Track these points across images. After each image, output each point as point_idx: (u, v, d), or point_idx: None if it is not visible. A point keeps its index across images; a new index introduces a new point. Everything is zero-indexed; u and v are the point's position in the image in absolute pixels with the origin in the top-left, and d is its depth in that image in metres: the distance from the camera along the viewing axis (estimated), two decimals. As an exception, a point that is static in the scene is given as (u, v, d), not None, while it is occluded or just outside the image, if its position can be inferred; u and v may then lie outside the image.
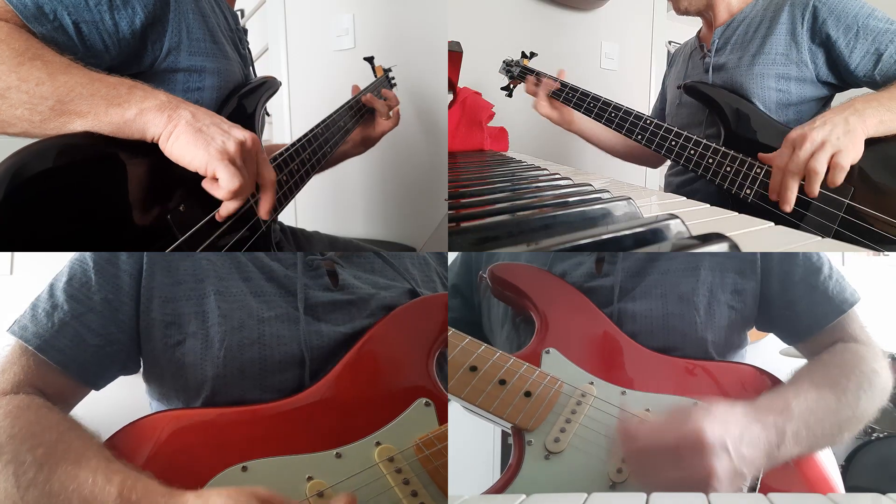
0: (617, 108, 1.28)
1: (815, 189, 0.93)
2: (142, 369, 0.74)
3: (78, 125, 0.61)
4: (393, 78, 1.49)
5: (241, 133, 0.68)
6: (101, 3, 0.68)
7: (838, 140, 0.89)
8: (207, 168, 0.64)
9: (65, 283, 0.70)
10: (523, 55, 1.59)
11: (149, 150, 0.64)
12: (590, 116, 1.35)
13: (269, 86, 0.95)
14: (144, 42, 0.73)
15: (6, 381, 0.66)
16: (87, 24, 0.68)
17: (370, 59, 1.48)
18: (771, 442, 0.62)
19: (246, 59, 0.95)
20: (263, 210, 0.74)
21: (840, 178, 0.90)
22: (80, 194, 0.59)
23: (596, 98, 1.33)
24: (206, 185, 0.66)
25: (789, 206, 0.94)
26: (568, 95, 1.37)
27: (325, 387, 0.69)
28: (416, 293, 0.82)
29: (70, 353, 0.67)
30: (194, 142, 0.64)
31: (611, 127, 1.28)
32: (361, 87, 1.29)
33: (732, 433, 0.59)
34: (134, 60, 0.74)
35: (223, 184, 0.65)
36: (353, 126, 1.19)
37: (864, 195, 0.94)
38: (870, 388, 0.72)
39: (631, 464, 0.62)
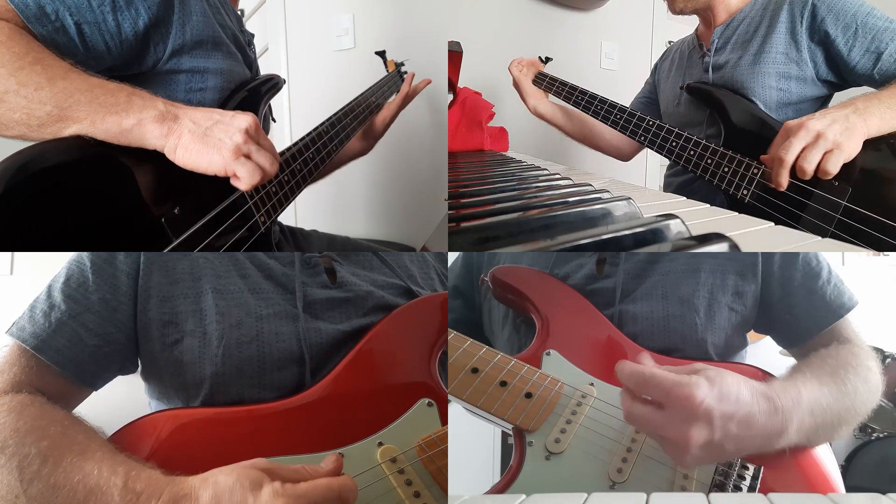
0: (622, 109, 1.28)
1: (785, 181, 0.94)
2: (140, 369, 0.74)
3: (75, 131, 0.61)
4: (405, 72, 1.48)
5: (242, 121, 0.69)
6: (104, 3, 0.68)
7: (834, 136, 0.89)
8: (227, 171, 0.67)
9: (62, 284, 0.70)
10: (539, 59, 1.61)
11: (145, 154, 0.64)
12: (587, 114, 1.36)
13: (272, 84, 0.94)
14: (147, 43, 0.73)
15: (5, 381, 0.66)
16: (89, 24, 0.67)
17: (382, 54, 1.46)
18: (772, 428, 0.61)
19: (251, 62, 0.94)
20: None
21: (826, 176, 0.91)
22: (76, 197, 0.58)
23: (602, 101, 1.33)
24: (234, 181, 0.70)
25: (783, 187, 0.96)
26: (567, 93, 1.39)
27: (327, 386, 0.69)
28: (413, 292, 0.82)
29: (67, 352, 0.67)
30: (205, 149, 0.66)
31: (616, 129, 1.28)
32: (367, 87, 1.28)
33: (725, 407, 0.58)
34: (136, 61, 0.74)
35: (246, 181, 0.68)
36: (359, 125, 1.17)
37: (861, 196, 0.94)
38: (865, 384, 0.72)
39: (627, 390, 0.62)
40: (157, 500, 0.52)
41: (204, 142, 0.66)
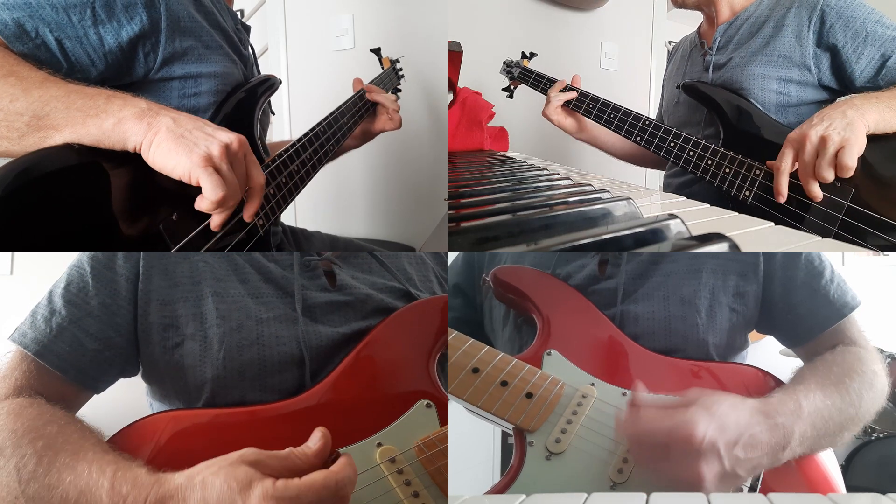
0: (616, 109, 1.27)
1: (818, 192, 0.93)
2: (141, 371, 0.74)
3: (57, 139, 0.60)
4: (401, 69, 1.47)
5: (226, 136, 0.65)
6: (84, 18, 0.66)
7: (838, 135, 0.88)
8: (191, 176, 0.62)
9: (63, 289, 0.70)
10: (523, 56, 1.59)
11: (142, 160, 0.63)
12: (589, 118, 1.35)
13: (269, 84, 0.93)
14: (134, 54, 0.72)
15: (7, 386, 0.66)
16: (70, 39, 0.67)
17: (377, 51, 1.44)
18: (776, 444, 0.61)
19: (247, 60, 0.94)
20: (248, 213, 0.71)
21: (848, 173, 0.89)
22: (74, 202, 0.58)
23: (595, 99, 1.33)
24: (198, 204, 0.65)
25: (783, 198, 0.96)
26: (578, 102, 1.37)
27: (327, 388, 0.69)
28: (412, 295, 0.81)
29: (68, 357, 0.67)
30: (176, 149, 0.61)
31: (610, 128, 1.28)
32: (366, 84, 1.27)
33: (728, 436, 0.58)
34: (126, 72, 0.73)
35: (206, 193, 0.63)
36: (355, 124, 1.16)
37: (864, 196, 0.94)
38: (871, 389, 0.72)
39: (629, 447, 0.63)
40: (143, 503, 0.52)
41: (178, 141, 0.61)
